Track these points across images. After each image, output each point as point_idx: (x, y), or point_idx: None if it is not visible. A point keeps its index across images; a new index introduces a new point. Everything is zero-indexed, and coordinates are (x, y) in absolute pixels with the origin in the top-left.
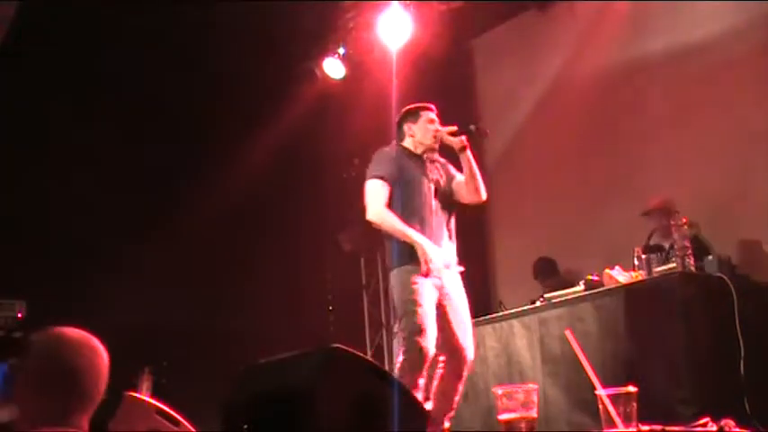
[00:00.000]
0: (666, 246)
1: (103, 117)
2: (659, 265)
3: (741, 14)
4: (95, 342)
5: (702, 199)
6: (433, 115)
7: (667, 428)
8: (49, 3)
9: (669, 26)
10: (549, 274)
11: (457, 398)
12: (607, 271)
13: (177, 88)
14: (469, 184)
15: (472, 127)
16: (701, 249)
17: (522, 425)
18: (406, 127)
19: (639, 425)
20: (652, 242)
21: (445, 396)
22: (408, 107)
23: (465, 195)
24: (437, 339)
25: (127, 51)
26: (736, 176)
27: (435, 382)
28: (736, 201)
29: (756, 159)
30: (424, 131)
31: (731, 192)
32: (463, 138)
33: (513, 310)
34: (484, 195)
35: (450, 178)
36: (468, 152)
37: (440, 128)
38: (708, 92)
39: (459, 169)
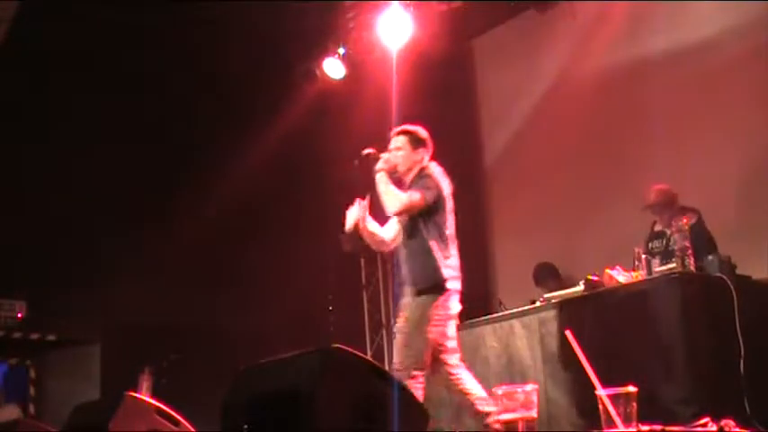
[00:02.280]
0: (668, 232)
1: (104, 117)
2: (662, 257)
3: (741, 15)
4: None
5: (702, 198)
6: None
7: (667, 428)
8: (49, 3)
9: (669, 26)
10: (549, 278)
11: None
12: (607, 271)
13: (176, 88)
14: None
15: (365, 152)
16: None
17: (522, 425)
18: None
19: (639, 425)
20: (655, 229)
21: None
22: None
23: None
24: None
25: (126, 51)
26: (735, 176)
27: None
28: (735, 200)
29: (756, 159)
30: None
31: (731, 191)
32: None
33: (513, 310)
34: (388, 212)
35: None
36: (377, 176)
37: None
38: (707, 92)
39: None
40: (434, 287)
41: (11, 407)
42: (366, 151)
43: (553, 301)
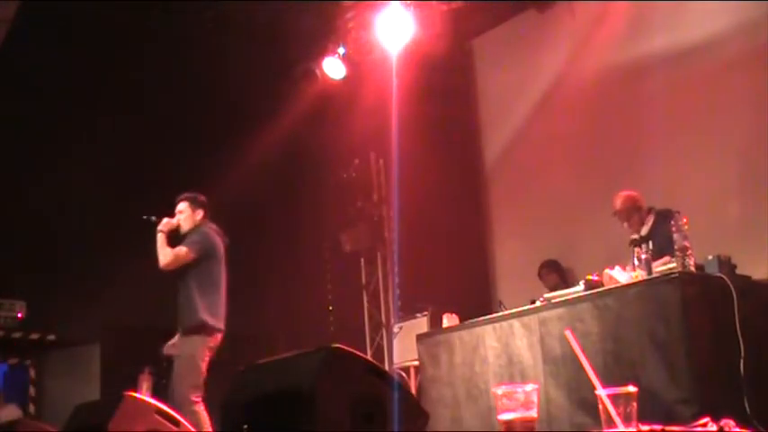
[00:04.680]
0: (642, 234)
1: (103, 117)
2: (653, 259)
3: (740, 15)
4: None
5: (702, 198)
6: None
7: (667, 428)
8: (49, 4)
9: (669, 26)
10: (552, 273)
11: None
12: (607, 271)
13: (176, 88)
14: None
15: (145, 218)
16: None
17: (522, 425)
18: None
19: (639, 425)
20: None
21: None
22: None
23: None
24: None
25: (126, 52)
26: (735, 176)
27: None
28: (735, 200)
29: (756, 159)
30: None
31: (731, 191)
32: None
33: (513, 310)
34: (160, 266)
35: None
36: (157, 236)
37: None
38: (707, 92)
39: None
40: (196, 328)
41: (11, 407)
42: (146, 217)
43: (553, 301)
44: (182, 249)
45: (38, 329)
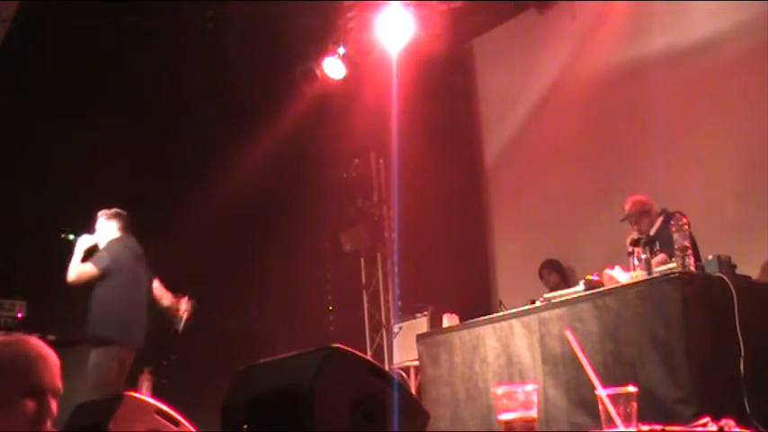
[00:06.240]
0: (645, 236)
1: (104, 118)
2: (653, 256)
3: (740, 15)
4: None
5: (702, 198)
6: None
7: (667, 428)
8: (49, 4)
9: (669, 26)
10: (553, 273)
11: None
12: (607, 271)
13: (176, 88)
14: None
15: (64, 235)
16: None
17: (522, 425)
18: None
19: (639, 425)
20: (633, 238)
21: None
22: None
23: None
24: None
25: (126, 52)
26: (735, 176)
27: None
28: (735, 200)
29: (756, 159)
30: None
31: (730, 191)
32: None
33: (513, 310)
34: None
35: None
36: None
37: None
38: (707, 92)
39: None
40: (94, 341)
41: None
42: (63, 235)
43: (553, 301)
44: (86, 266)
45: (38, 329)
